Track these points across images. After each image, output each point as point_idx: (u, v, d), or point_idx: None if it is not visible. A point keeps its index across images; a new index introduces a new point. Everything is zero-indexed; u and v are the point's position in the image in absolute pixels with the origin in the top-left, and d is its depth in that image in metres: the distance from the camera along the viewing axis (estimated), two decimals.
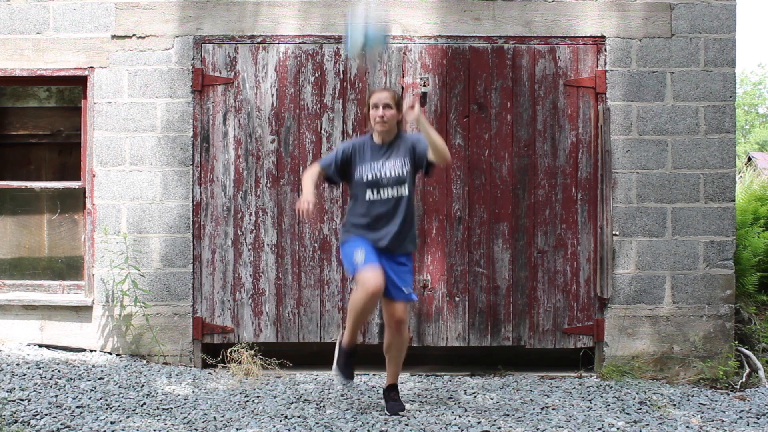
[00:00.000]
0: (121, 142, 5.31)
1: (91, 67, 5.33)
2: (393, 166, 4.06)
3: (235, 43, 5.29)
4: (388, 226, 4.05)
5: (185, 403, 4.28)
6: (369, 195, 4.06)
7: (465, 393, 4.73)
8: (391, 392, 4.26)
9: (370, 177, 4.06)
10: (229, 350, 5.16)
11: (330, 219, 5.28)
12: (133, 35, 5.32)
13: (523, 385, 4.97)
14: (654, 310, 5.25)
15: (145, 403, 4.24)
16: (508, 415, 4.20)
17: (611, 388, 4.89)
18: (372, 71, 5.27)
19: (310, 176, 4.17)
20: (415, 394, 4.67)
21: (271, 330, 5.29)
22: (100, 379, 4.66)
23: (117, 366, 5.00)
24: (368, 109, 4.11)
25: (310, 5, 5.30)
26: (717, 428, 4.05)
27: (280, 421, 3.97)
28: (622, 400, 4.57)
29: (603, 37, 5.27)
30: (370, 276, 3.89)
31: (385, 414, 4.13)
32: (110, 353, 5.29)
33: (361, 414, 4.13)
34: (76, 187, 5.46)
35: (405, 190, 4.06)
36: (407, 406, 4.33)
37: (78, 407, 4.05)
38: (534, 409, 4.36)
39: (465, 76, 5.28)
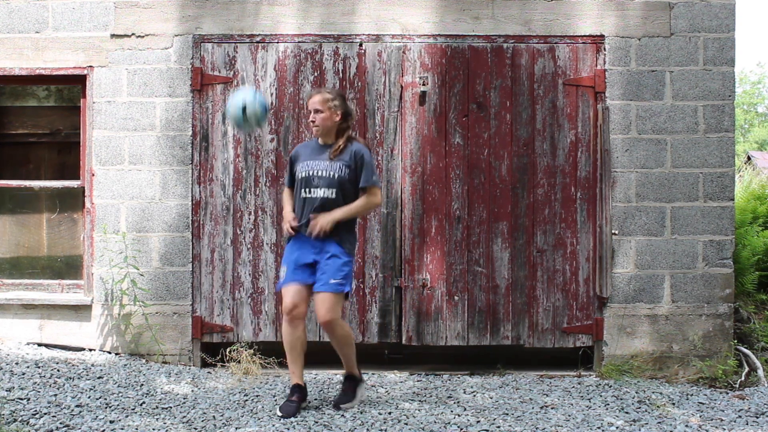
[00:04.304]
0: (121, 141, 5.31)
1: (90, 66, 5.33)
2: (328, 167, 4.08)
3: (235, 42, 5.29)
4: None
5: (184, 402, 4.28)
6: (302, 193, 4.12)
7: (464, 392, 4.73)
8: (343, 382, 4.30)
9: (303, 174, 4.12)
10: (228, 349, 5.16)
11: None
12: (132, 34, 5.32)
13: (523, 384, 4.97)
14: (653, 309, 5.25)
15: (144, 402, 4.24)
16: (508, 414, 4.20)
17: (610, 387, 4.89)
18: (372, 70, 5.28)
19: (286, 198, 4.32)
20: (414, 393, 4.67)
21: (270, 329, 5.29)
22: (99, 378, 4.66)
23: (116, 365, 5.00)
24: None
25: (310, 4, 5.30)
26: (716, 427, 4.06)
27: (279, 420, 3.97)
28: (621, 399, 4.58)
29: (602, 36, 5.27)
30: (285, 295, 4.09)
31: (385, 413, 4.13)
32: (109, 352, 5.29)
33: (361, 413, 4.13)
34: (76, 186, 5.46)
35: (333, 194, 4.06)
36: (406, 405, 4.33)
37: (77, 406, 4.05)
38: (533, 408, 4.36)
39: (464, 76, 5.28)
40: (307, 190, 4.10)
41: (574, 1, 5.28)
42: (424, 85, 5.26)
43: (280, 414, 4.03)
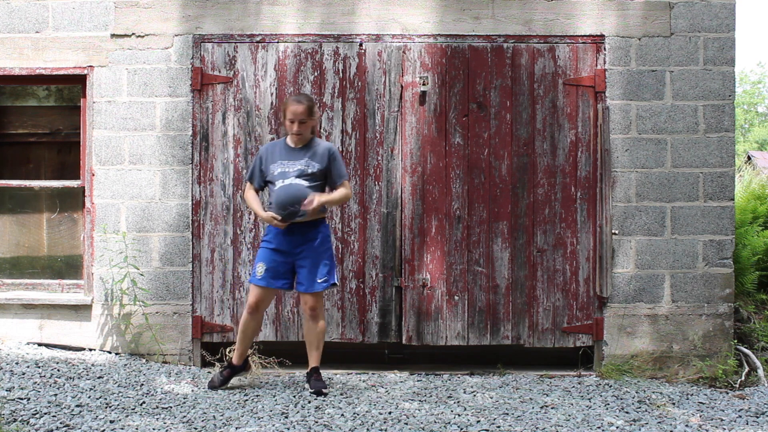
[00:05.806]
0: (121, 141, 5.31)
1: (91, 66, 5.33)
2: (303, 164, 4.43)
3: (235, 42, 5.29)
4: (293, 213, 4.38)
5: (184, 402, 4.28)
6: (279, 184, 4.43)
7: (464, 392, 4.73)
8: (313, 374, 4.59)
9: (279, 170, 4.44)
10: (228, 349, 5.14)
11: (329, 218, 5.27)
12: (133, 34, 5.32)
13: (523, 383, 4.97)
14: (653, 308, 5.25)
15: (144, 402, 4.24)
16: (508, 413, 4.20)
17: (610, 386, 4.89)
18: (372, 70, 5.28)
19: (253, 198, 4.62)
20: (414, 393, 4.68)
21: (270, 329, 5.29)
22: (99, 378, 4.66)
23: (116, 365, 5.00)
24: (284, 118, 4.48)
25: (310, 4, 5.30)
26: (716, 427, 4.06)
27: (280, 420, 3.97)
28: (621, 399, 4.58)
29: (602, 36, 5.27)
30: (253, 293, 4.51)
31: (385, 413, 4.14)
32: (109, 352, 5.29)
33: (361, 413, 4.13)
34: (76, 186, 5.46)
35: (306, 183, 4.40)
36: (406, 404, 4.33)
37: (77, 406, 4.05)
38: (533, 407, 4.36)
39: (464, 75, 5.28)
40: (282, 180, 4.41)
41: (575, 1, 5.28)
42: (424, 84, 5.26)
43: (207, 385, 4.61)
